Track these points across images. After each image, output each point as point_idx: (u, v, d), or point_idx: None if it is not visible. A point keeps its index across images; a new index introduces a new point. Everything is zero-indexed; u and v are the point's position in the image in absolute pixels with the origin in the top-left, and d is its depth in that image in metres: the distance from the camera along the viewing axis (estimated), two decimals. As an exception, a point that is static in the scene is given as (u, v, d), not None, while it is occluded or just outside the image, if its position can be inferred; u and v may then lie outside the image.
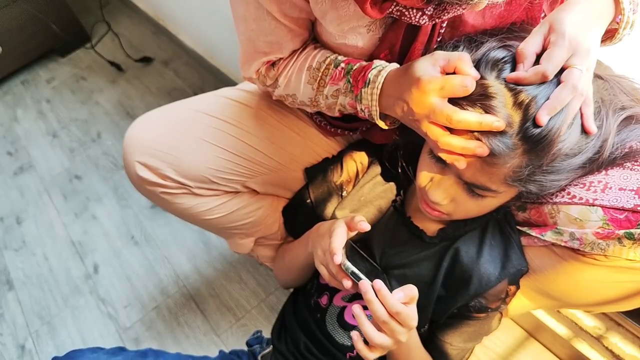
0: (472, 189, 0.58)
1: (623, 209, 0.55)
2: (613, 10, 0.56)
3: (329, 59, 0.68)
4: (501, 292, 0.66)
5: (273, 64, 0.73)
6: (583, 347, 0.91)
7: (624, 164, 0.58)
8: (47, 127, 1.85)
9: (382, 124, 0.63)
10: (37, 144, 1.79)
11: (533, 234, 0.64)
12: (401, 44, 0.63)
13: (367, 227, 0.62)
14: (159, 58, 1.97)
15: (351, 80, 0.64)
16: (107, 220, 1.47)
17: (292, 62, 0.71)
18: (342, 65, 0.66)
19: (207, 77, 1.82)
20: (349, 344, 0.74)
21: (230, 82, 1.68)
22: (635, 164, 0.57)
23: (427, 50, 0.63)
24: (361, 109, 0.64)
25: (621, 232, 0.54)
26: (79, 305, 1.30)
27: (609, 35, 0.59)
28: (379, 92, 0.60)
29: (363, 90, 0.62)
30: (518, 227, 0.68)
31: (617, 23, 0.58)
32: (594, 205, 0.57)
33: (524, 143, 0.52)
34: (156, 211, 1.44)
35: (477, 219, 0.67)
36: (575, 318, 0.93)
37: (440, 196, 0.60)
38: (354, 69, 0.64)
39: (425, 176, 0.62)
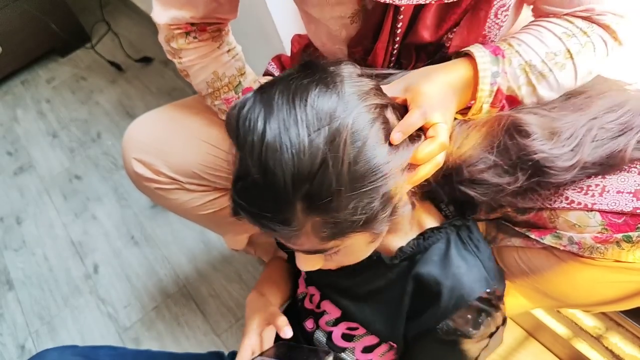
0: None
1: (622, 213, 0.55)
2: (470, 92, 0.57)
3: (235, 79, 0.75)
4: (467, 313, 0.60)
5: (187, 34, 0.71)
6: (583, 347, 0.91)
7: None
8: (47, 127, 1.85)
9: None
10: (37, 144, 1.79)
11: (532, 236, 0.64)
12: (370, 43, 0.64)
13: (288, 334, 0.66)
14: (159, 58, 1.97)
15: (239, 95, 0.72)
16: (107, 220, 1.47)
17: (203, 55, 0.73)
18: (240, 94, 0.73)
19: (207, 77, 1.82)
20: None
21: (230, 82, 1.68)
22: (632, 165, 0.57)
23: (387, 53, 0.64)
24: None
25: (619, 235, 0.54)
26: (79, 305, 1.30)
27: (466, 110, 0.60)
28: None
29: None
30: (517, 228, 0.67)
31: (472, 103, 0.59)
32: (592, 210, 0.57)
33: (301, 202, 0.44)
34: (156, 211, 1.44)
35: (434, 233, 0.61)
36: (575, 318, 0.93)
37: (305, 266, 0.57)
38: None
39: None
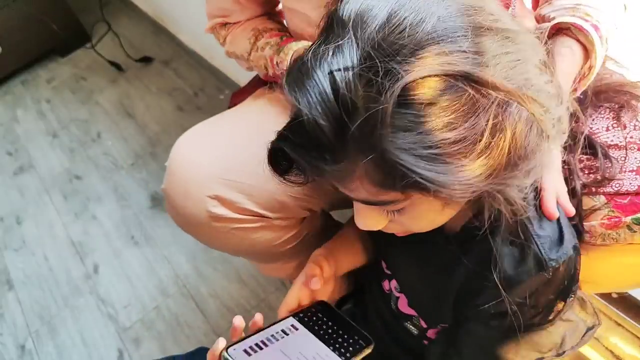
0: (381, 207, 0.46)
1: (627, 193, 0.54)
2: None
3: (277, 27, 0.76)
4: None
5: (225, 24, 0.80)
6: (583, 347, 0.91)
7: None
8: (47, 127, 1.85)
9: None
10: (37, 144, 1.79)
11: None
12: None
13: (314, 286, 0.59)
14: (159, 58, 1.97)
15: (284, 38, 0.70)
16: (107, 220, 1.47)
17: (242, 24, 0.79)
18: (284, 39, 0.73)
19: (207, 77, 1.82)
20: (415, 332, 0.68)
21: (231, 82, 1.68)
22: (631, 142, 0.57)
23: None
24: (277, 62, 0.69)
25: (628, 218, 0.54)
26: (79, 305, 1.30)
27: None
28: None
29: (289, 45, 0.68)
30: None
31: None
32: (597, 194, 0.57)
33: (352, 148, 0.38)
34: (156, 211, 1.44)
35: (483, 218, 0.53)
36: (575, 318, 0.93)
37: (363, 223, 0.49)
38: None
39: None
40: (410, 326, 0.69)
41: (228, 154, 0.66)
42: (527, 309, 0.52)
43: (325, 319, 0.59)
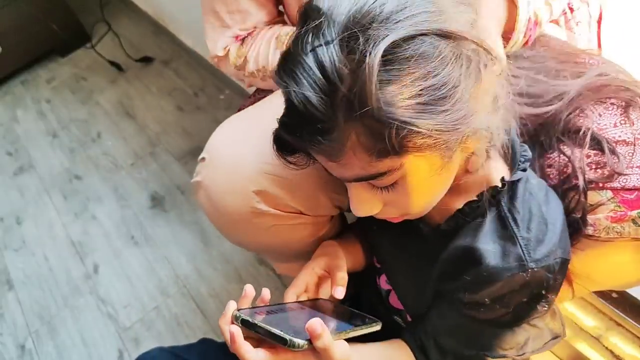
0: (371, 183, 0.48)
1: (634, 189, 0.54)
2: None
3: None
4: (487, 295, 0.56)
5: (243, 41, 0.73)
6: (583, 347, 0.91)
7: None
8: (47, 127, 1.85)
9: None
10: (37, 144, 1.79)
11: None
12: None
13: (338, 295, 0.61)
14: (159, 58, 1.97)
15: None
16: (107, 220, 1.47)
17: (259, 36, 0.73)
18: None
19: (207, 77, 1.82)
20: (404, 326, 0.72)
21: (231, 82, 1.68)
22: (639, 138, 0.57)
23: None
24: None
25: (634, 212, 0.54)
26: (79, 305, 1.30)
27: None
28: None
29: None
30: None
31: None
32: (603, 189, 0.57)
33: (341, 115, 0.41)
34: (156, 211, 1.44)
35: (471, 211, 0.55)
36: (575, 318, 0.93)
37: (359, 207, 0.50)
38: None
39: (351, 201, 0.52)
40: (399, 319, 0.72)
41: (269, 149, 0.62)
42: (499, 307, 0.54)
43: (329, 305, 0.61)
